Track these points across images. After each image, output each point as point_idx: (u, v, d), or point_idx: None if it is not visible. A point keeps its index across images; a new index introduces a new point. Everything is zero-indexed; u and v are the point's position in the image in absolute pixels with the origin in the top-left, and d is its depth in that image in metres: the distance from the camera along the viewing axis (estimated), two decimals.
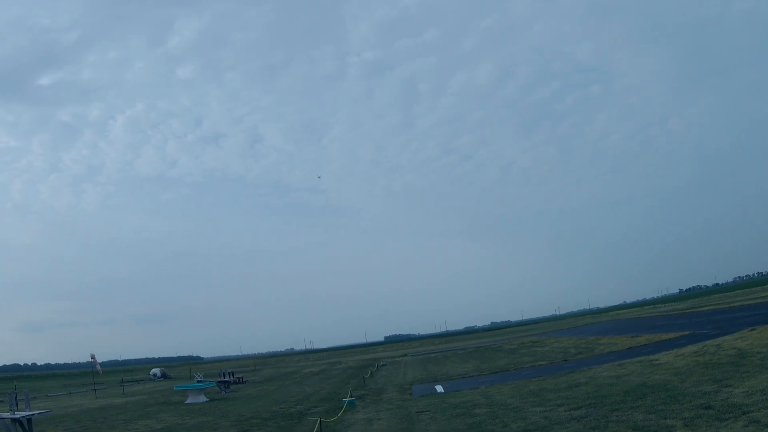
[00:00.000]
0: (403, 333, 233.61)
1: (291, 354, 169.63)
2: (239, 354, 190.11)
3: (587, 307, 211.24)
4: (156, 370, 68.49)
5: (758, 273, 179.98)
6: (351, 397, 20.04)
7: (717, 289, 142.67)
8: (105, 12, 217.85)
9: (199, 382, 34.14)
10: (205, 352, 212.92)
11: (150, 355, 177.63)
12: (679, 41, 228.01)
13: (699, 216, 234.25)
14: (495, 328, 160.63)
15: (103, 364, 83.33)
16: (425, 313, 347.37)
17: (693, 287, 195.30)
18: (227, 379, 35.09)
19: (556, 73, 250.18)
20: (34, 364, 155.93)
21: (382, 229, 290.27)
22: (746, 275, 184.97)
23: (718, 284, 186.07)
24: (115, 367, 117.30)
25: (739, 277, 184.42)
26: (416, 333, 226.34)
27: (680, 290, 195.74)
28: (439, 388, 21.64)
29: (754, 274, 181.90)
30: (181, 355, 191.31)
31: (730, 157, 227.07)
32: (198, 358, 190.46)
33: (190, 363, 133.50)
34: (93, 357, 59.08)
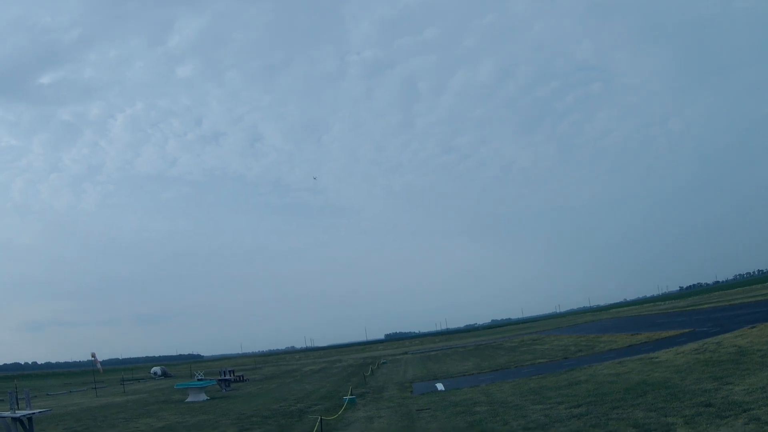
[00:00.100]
0: (404, 331, 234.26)
1: (291, 352, 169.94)
2: (240, 352, 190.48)
3: (587, 305, 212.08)
4: (156, 369, 68.60)
5: (758, 271, 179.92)
6: (351, 395, 19.97)
7: (717, 287, 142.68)
8: (105, 11, 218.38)
9: (199, 380, 34.17)
10: (206, 351, 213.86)
11: (150, 354, 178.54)
12: (679, 41, 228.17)
13: (699, 214, 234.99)
14: (495, 326, 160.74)
15: (104, 363, 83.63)
16: (425, 311, 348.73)
17: (693, 285, 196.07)
18: (228, 378, 35.08)
19: (557, 73, 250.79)
20: (35, 363, 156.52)
21: (382, 229, 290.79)
22: (746, 273, 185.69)
23: (718, 282, 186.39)
24: (116, 366, 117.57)
25: (740, 275, 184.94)
26: (417, 331, 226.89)
27: (680, 288, 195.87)
28: (440, 386, 21.62)
29: (754, 272, 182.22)
30: (182, 353, 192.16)
31: (730, 157, 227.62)
32: (198, 357, 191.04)
33: (190, 361, 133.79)
34: (93, 355, 59.35)
